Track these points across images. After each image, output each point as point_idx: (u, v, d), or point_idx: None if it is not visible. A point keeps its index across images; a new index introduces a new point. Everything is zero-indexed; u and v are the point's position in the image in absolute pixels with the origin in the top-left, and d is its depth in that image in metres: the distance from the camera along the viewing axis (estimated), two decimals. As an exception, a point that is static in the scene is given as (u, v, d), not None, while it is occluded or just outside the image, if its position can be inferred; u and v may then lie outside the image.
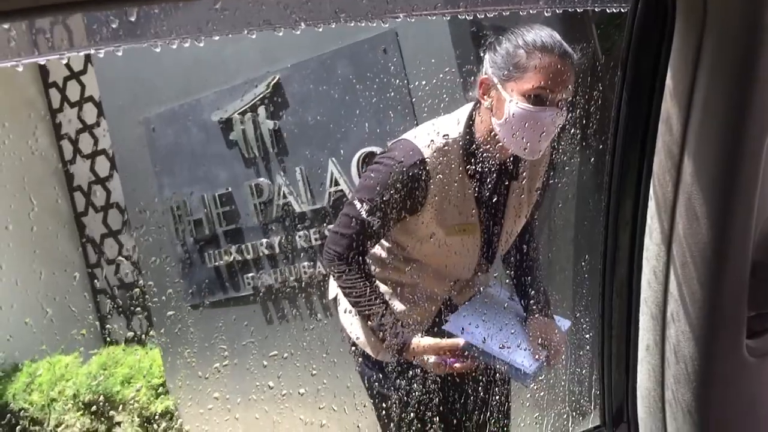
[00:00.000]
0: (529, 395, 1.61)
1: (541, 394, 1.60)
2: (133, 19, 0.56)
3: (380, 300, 1.62)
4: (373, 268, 1.73)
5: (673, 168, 0.53)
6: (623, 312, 0.63)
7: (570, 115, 1.63)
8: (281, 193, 3.43)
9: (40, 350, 4.59)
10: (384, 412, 1.69)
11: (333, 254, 1.65)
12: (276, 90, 3.41)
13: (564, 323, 1.67)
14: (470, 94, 1.68)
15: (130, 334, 5.13)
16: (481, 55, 1.64)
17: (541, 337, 1.62)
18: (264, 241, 3.50)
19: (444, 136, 1.63)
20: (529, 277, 1.77)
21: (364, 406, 1.77)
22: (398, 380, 1.61)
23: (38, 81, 5.45)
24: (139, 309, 5.06)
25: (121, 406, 4.06)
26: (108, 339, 5.13)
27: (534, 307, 1.72)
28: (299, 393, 3.25)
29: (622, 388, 0.66)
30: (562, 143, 1.77)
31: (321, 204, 3.34)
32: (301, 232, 3.40)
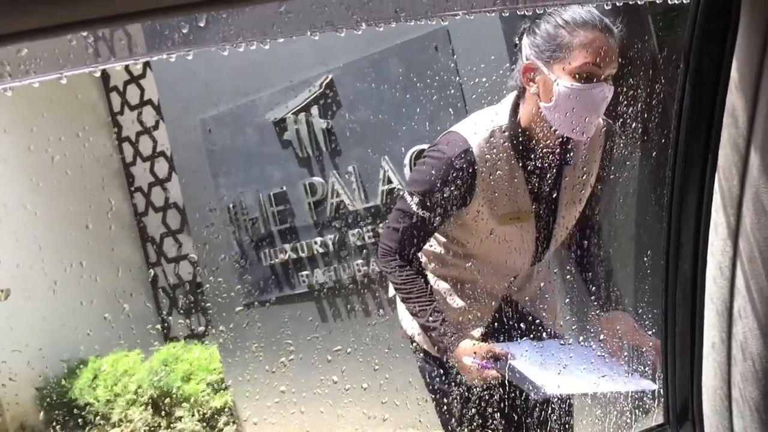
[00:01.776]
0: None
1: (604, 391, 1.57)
2: (202, 24, 0.57)
3: (431, 298, 1.62)
4: (431, 264, 1.73)
5: (740, 161, 0.52)
6: (687, 309, 0.61)
7: (620, 90, 1.61)
8: (335, 192, 3.46)
9: (105, 347, 4.74)
10: (444, 407, 1.69)
11: (385, 249, 1.66)
12: (329, 89, 3.44)
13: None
14: (510, 83, 1.66)
15: (189, 331, 5.25)
16: (517, 41, 1.63)
17: (617, 332, 1.60)
18: (318, 239, 3.54)
19: (489, 125, 1.62)
20: (590, 272, 1.74)
21: (426, 401, 1.77)
22: (458, 376, 1.60)
23: (99, 85, 5.62)
24: (197, 307, 5.18)
25: (181, 402, 4.16)
26: (168, 336, 5.27)
27: (597, 302, 1.69)
28: (362, 387, 3.29)
29: (687, 386, 0.64)
30: (618, 132, 1.74)
31: (374, 202, 3.36)
32: (355, 231, 3.43)
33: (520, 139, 1.61)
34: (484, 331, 1.69)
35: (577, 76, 1.50)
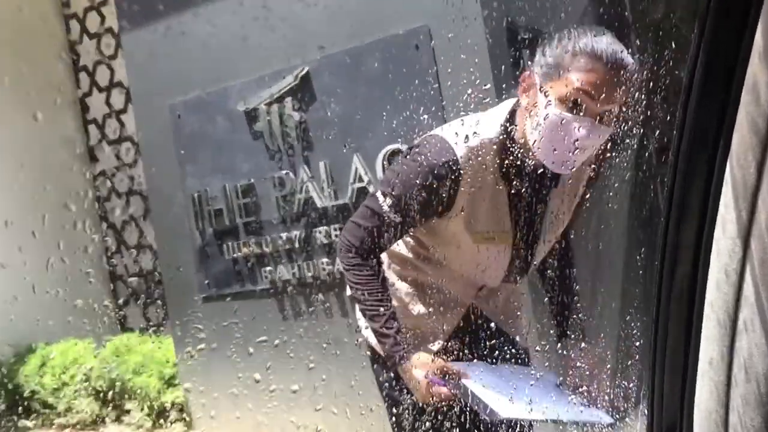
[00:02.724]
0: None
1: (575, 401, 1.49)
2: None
3: (388, 303, 1.51)
4: (392, 264, 1.64)
5: (758, 145, 0.44)
6: (682, 318, 0.53)
7: (618, 135, 1.47)
8: (304, 187, 3.36)
9: (56, 334, 4.58)
10: (396, 417, 1.60)
11: (347, 245, 1.55)
12: (304, 82, 3.34)
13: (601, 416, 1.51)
14: (513, 91, 1.56)
15: (146, 323, 5.11)
16: (521, 51, 1.53)
17: (580, 367, 1.52)
18: (284, 235, 3.44)
19: (479, 134, 1.48)
20: (566, 296, 1.64)
21: (371, 410, 1.68)
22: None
23: (68, 65, 5.46)
24: (155, 298, 5.04)
25: (131, 394, 4.02)
26: (123, 326, 5.11)
27: (568, 331, 1.61)
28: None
29: (676, 408, 0.56)
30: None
31: (343, 200, 3.27)
32: (322, 228, 3.33)
33: (509, 154, 1.47)
34: (444, 343, 1.59)
35: (564, 101, 1.37)
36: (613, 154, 1.56)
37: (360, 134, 3.18)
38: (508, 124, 1.49)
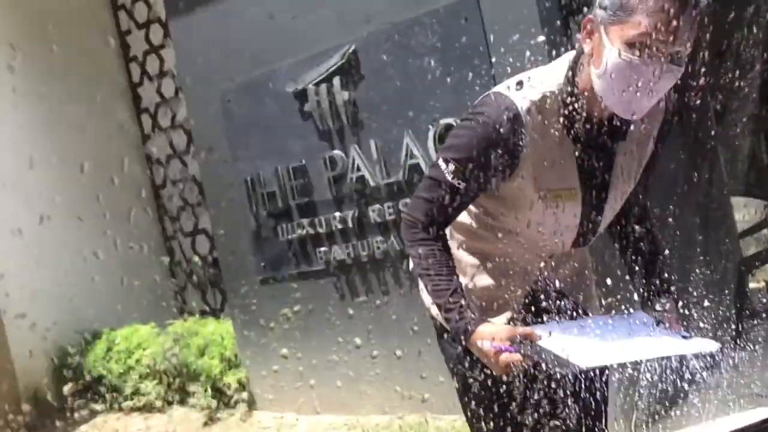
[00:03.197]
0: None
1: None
2: None
3: (452, 277, 1.46)
4: (457, 235, 1.60)
5: None
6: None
7: (693, 71, 1.41)
8: (355, 167, 3.35)
9: (119, 320, 4.69)
10: (464, 394, 1.57)
11: (411, 221, 1.50)
12: (351, 60, 3.32)
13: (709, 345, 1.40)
14: (567, 47, 1.50)
15: (205, 306, 5.19)
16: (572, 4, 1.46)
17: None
18: (337, 214, 3.44)
19: (541, 86, 1.43)
20: (645, 256, 1.57)
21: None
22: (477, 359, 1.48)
23: (119, 55, 5.54)
24: (213, 282, 5.11)
25: (195, 377, 4.10)
26: (183, 311, 5.21)
27: (656, 294, 1.53)
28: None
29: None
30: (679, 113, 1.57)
31: (396, 178, 3.25)
32: (375, 207, 3.32)
33: (574, 106, 1.41)
34: (513, 315, 1.55)
35: (632, 45, 1.29)
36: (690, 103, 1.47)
37: (410, 110, 3.14)
38: (570, 74, 1.43)
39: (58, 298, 4.69)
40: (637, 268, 1.58)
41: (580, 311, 1.59)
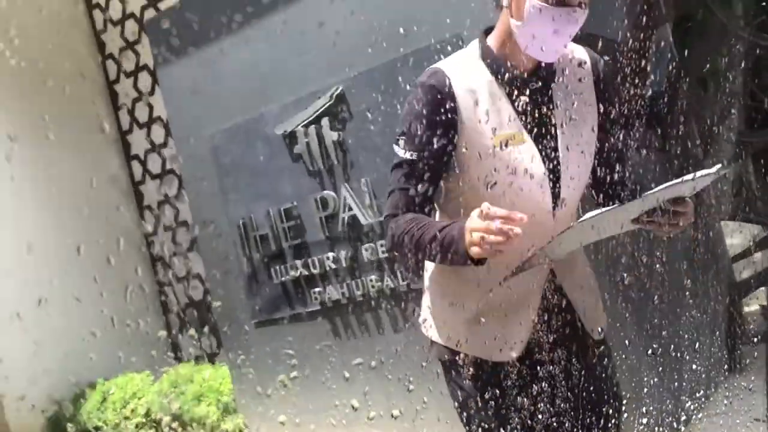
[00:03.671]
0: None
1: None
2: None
3: (433, 224, 1.49)
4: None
5: None
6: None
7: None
8: (346, 206, 3.36)
9: (113, 369, 4.65)
10: (471, 424, 1.56)
11: (389, 217, 1.55)
12: (339, 101, 3.35)
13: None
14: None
15: (200, 352, 5.15)
16: None
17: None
18: (330, 255, 3.43)
19: (463, 53, 1.61)
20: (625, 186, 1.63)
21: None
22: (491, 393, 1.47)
23: (108, 104, 5.58)
24: (208, 327, 5.08)
25: (192, 424, 4.04)
26: (178, 358, 5.17)
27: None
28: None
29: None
30: (609, 65, 1.65)
31: (388, 216, 3.25)
32: (368, 245, 3.32)
33: (495, 59, 1.56)
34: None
35: None
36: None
37: (399, 148, 3.15)
38: (486, 36, 1.60)
39: (50, 346, 4.66)
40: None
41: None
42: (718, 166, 1.44)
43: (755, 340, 3.23)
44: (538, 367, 1.55)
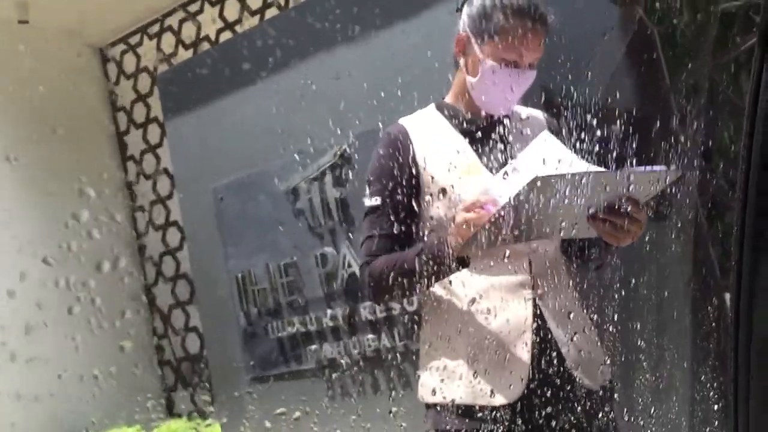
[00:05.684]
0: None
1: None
2: None
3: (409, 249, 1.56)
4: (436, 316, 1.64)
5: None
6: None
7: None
8: (346, 263, 3.34)
9: (105, 420, 4.55)
10: None
11: (364, 266, 1.63)
12: (343, 159, 3.37)
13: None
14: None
15: (193, 407, 5.05)
16: (458, 7, 1.73)
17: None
18: (328, 312, 3.40)
19: (423, 109, 1.74)
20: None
21: None
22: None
23: (117, 155, 5.63)
24: (202, 381, 5.00)
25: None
26: (170, 412, 5.07)
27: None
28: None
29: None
30: (559, 129, 1.76)
31: (387, 274, 3.23)
32: (366, 304, 3.28)
33: (450, 107, 1.70)
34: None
35: (503, 58, 1.60)
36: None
37: (401, 207, 3.16)
38: (444, 95, 1.75)
39: (42, 396, 4.58)
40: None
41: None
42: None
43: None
44: (537, 412, 1.53)
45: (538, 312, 1.60)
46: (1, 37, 4.53)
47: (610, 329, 1.74)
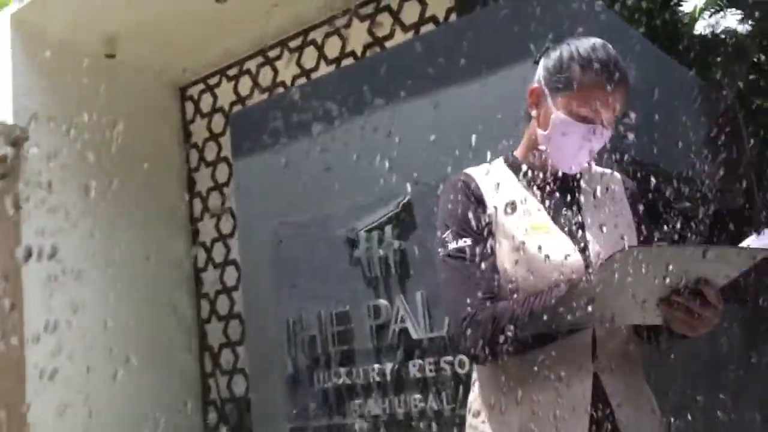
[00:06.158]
0: None
1: None
2: None
3: (526, 300, 1.44)
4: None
5: None
6: None
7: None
8: (399, 317, 3.24)
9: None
10: None
11: (456, 325, 1.49)
12: (406, 210, 3.31)
13: None
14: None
15: (232, 450, 4.98)
16: (537, 60, 1.64)
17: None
18: (376, 366, 3.29)
19: (491, 162, 1.68)
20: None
21: None
22: None
23: (182, 189, 5.74)
24: (244, 425, 4.92)
25: None
26: (210, 453, 5.00)
27: None
28: None
29: None
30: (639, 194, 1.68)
31: (439, 332, 3.12)
32: (416, 361, 3.17)
33: (519, 162, 1.64)
34: None
35: (577, 113, 1.52)
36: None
37: (459, 264, 3.06)
38: (513, 147, 1.69)
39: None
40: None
41: None
42: None
43: None
44: None
45: (600, 388, 1.47)
46: (88, 70, 4.70)
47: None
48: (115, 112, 4.86)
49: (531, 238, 1.50)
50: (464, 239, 1.51)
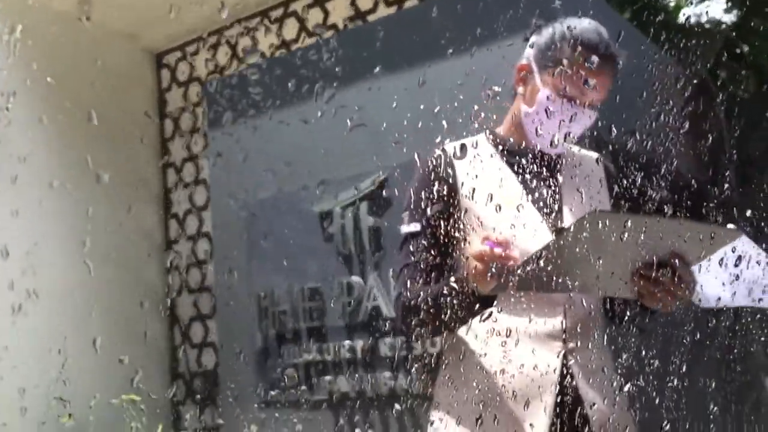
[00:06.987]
0: None
1: None
2: None
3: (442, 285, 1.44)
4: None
5: None
6: None
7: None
8: (372, 295, 3.22)
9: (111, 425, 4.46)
10: None
11: (398, 295, 1.56)
12: (381, 188, 3.28)
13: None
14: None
15: (199, 424, 4.94)
16: (527, 37, 1.63)
17: None
18: (347, 343, 3.27)
19: (473, 136, 1.66)
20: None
21: None
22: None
23: (156, 159, 5.65)
24: (212, 399, 4.89)
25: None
26: (177, 427, 4.96)
27: None
28: None
29: None
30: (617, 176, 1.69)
31: (412, 311, 3.10)
32: (387, 340, 3.16)
33: (500, 137, 1.63)
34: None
35: (563, 92, 1.52)
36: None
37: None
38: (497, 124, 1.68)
39: (49, 405, 4.51)
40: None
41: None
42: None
43: None
44: None
45: (567, 367, 1.47)
46: (60, 31, 4.57)
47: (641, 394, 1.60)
48: (87, 78, 4.74)
49: (503, 215, 1.50)
50: (415, 224, 1.55)
